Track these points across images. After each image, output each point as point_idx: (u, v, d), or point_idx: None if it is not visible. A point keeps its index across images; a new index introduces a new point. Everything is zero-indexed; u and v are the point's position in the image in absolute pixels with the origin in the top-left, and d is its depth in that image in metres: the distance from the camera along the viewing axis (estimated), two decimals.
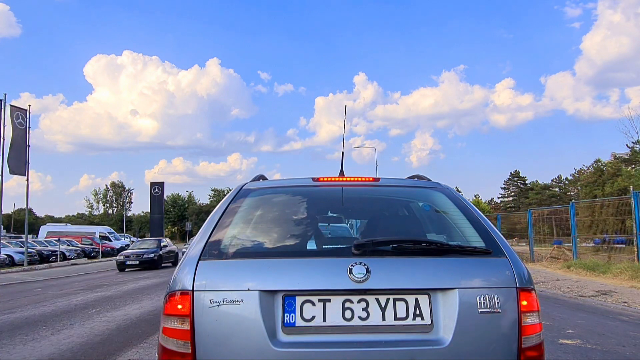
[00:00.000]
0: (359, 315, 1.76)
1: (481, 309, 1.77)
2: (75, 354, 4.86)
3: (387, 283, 1.78)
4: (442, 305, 1.78)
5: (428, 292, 1.79)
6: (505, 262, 1.90)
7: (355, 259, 1.81)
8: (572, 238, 15.36)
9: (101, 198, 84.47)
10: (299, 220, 2.27)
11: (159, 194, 45.44)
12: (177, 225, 66.47)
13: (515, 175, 69.87)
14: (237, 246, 2.02)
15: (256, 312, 1.73)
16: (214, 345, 1.73)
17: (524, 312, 1.80)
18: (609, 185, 36.78)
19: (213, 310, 1.75)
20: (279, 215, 2.34)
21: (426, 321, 1.76)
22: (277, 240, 2.13)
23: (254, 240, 2.12)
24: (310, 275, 1.81)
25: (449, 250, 1.98)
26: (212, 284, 1.79)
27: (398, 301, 1.78)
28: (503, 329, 1.78)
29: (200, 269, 1.83)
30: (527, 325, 1.80)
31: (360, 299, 1.77)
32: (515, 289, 1.82)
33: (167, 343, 1.79)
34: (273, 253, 2.01)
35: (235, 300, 1.75)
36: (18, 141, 22.35)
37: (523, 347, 1.77)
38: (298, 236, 2.14)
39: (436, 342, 1.73)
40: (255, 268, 1.85)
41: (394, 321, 1.76)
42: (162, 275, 16.04)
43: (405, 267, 1.83)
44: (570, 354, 4.54)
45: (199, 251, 1.91)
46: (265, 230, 2.20)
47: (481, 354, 1.74)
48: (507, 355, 1.76)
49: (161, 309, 1.89)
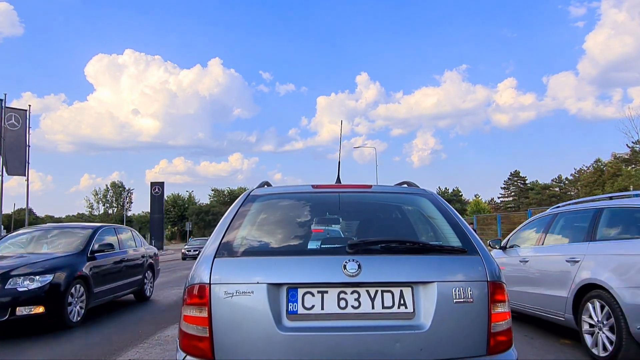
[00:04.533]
0: (351, 304, 2.05)
1: (456, 300, 2.06)
2: (76, 354, 4.86)
3: (376, 277, 2.07)
4: (423, 296, 2.06)
5: (411, 285, 2.08)
6: (479, 259, 2.18)
7: (349, 257, 2.09)
8: None
9: (101, 198, 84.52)
10: (301, 223, 2.57)
11: (159, 194, 45.48)
12: (177, 225, 66.51)
13: (516, 175, 69.90)
14: (246, 245, 2.31)
15: (264, 301, 2.01)
16: (229, 330, 2.01)
17: (494, 302, 2.08)
18: (609, 185, 36.79)
19: (227, 300, 2.03)
20: (282, 218, 2.65)
21: (409, 309, 2.06)
22: (281, 240, 2.42)
23: (261, 241, 2.42)
24: (310, 270, 2.10)
25: (430, 249, 2.31)
26: (226, 278, 2.07)
27: (385, 292, 2.07)
28: (475, 317, 2.06)
29: (215, 265, 2.11)
30: (497, 314, 2.08)
31: (353, 290, 2.06)
32: (487, 282, 2.11)
33: (188, 329, 2.07)
34: (278, 251, 2.31)
35: (246, 291, 2.03)
36: (11, 142, 22.30)
37: (492, 332, 2.06)
38: (300, 237, 2.44)
39: (417, 327, 2.02)
40: (263, 264, 2.14)
41: (382, 309, 2.05)
42: (162, 275, 16.04)
43: (392, 263, 2.13)
44: (570, 354, 4.54)
45: (214, 250, 2.18)
46: (271, 232, 2.51)
47: (456, 337, 2.04)
48: (478, 338, 2.05)
49: (181, 300, 2.19)
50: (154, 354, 4.78)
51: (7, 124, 22.14)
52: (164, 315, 7.34)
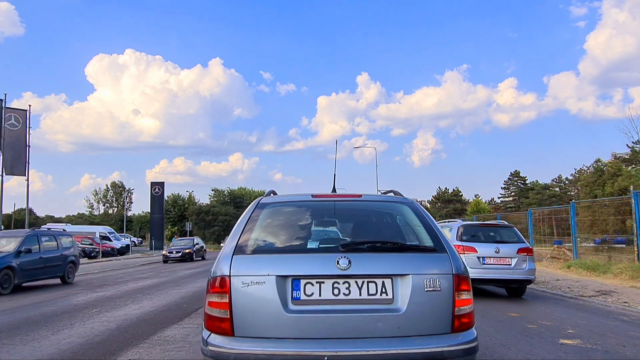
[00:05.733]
0: (343, 292, 2.55)
1: (427, 289, 2.55)
2: (76, 354, 4.85)
3: (363, 270, 2.57)
4: (400, 286, 2.56)
5: (391, 277, 2.58)
6: (446, 256, 2.67)
7: (341, 254, 2.59)
8: (573, 238, 15.36)
9: (101, 198, 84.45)
10: (302, 226, 3.07)
11: (159, 194, 45.48)
12: (177, 225, 66.42)
13: (516, 175, 69.83)
14: (258, 245, 2.80)
15: (273, 290, 2.52)
16: (245, 312, 2.51)
17: (459, 291, 2.56)
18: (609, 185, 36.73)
19: (244, 289, 2.53)
20: (287, 222, 3.13)
21: (389, 296, 2.55)
22: (286, 240, 2.92)
23: (270, 241, 2.91)
24: (310, 265, 2.60)
25: (407, 248, 2.87)
26: (243, 271, 2.57)
27: (370, 283, 2.57)
28: (442, 302, 2.54)
29: (234, 261, 2.61)
30: (460, 300, 2.56)
31: (344, 281, 2.56)
32: (452, 275, 2.58)
33: (212, 312, 2.57)
34: (284, 250, 2.80)
35: (259, 282, 2.53)
36: (11, 142, 22.29)
37: (456, 314, 2.54)
38: (301, 238, 2.95)
39: (395, 310, 2.51)
40: (272, 260, 2.65)
41: (367, 296, 2.55)
42: (162, 275, 16.05)
43: (376, 259, 2.64)
44: (571, 354, 4.53)
45: (232, 249, 2.69)
46: (278, 234, 2.99)
47: (426, 318, 2.52)
48: (445, 320, 2.53)
49: (205, 289, 2.68)
50: (154, 354, 4.78)
51: (7, 124, 22.12)
52: (163, 315, 7.34)
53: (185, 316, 7.15)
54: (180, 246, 25.69)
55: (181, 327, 6.27)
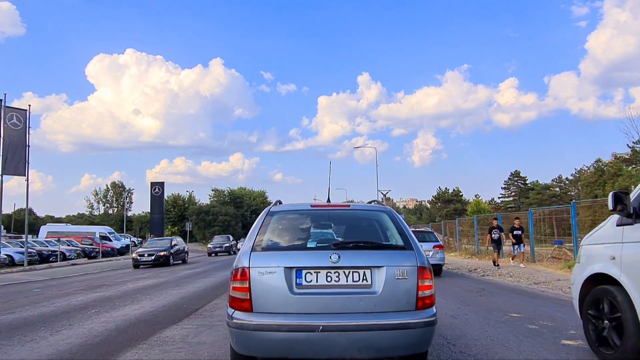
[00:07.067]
0: (334, 279, 3.33)
1: (397, 277, 3.31)
2: (74, 355, 4.83)
3: (350, 263, 3.34)
4: (377, 275, 3.33)
5: (370, 268, 3.34)
6: (413, 253, 3.45)
7: (333, 251, 3.38)
8: (573, 238, 15.31)
9: (101, 198, 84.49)
10: (303, 229, 3.95)
11: (159, 194, 45.43)
12: (178, 225, 66.40)
13: (516, 175, 69.81)
14: (270, 244, 3.63)
15: (282, 278, 3.29)
16: (261, 294, 3.28)
17: (422, 279, 3.33)
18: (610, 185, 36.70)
19: (259, 277, 3.31)
20: (292, 226, 3.98)
21: (369, 283, 3.32)
22: (291, 240, 3.80)
23: (278, 241, 3.74)
24: (309, 259, 3.42)
25: (383, 246, 3.72)
26: (258, 264, 3.35)
27: (355, 272, 3.33)
28: (408, 287, 3.31)
29: (252, 256, 3.40)
30: (423, 286, 3.32)
31: (335, 271, 3.34)
32: (417, 267, 3.35)
33: (235, 294, 3.34)
34: (289, 248, 3.66)
35: (271, 272, 3.31)
36: (13, 142, 22.25)
37: (419, 296, 3.31)
38: (303, 238, 3.82)
39: (373, 293, 3.29)
40: (280, 256, 3.48)
41: (352, 282, 3.32)
42: (162, 275, 16.02)
43: (359, 255, 3.45)
44: (573, 355, 4.50)
45: (250, 247, 3.49)
46: (285, 235, 3.84)
47: (396, 299, 3.29)
48: (411, 300, 3.29)
49: (229, 277, 3.45)
50: (153, 354, 4.74)
51: (10, 123, 22.06)
52: (163, 316, 7.31)
53: (184, 317, 7.12)
54: (155, 248, 21.36)
55: (180, 327, 6.24)
